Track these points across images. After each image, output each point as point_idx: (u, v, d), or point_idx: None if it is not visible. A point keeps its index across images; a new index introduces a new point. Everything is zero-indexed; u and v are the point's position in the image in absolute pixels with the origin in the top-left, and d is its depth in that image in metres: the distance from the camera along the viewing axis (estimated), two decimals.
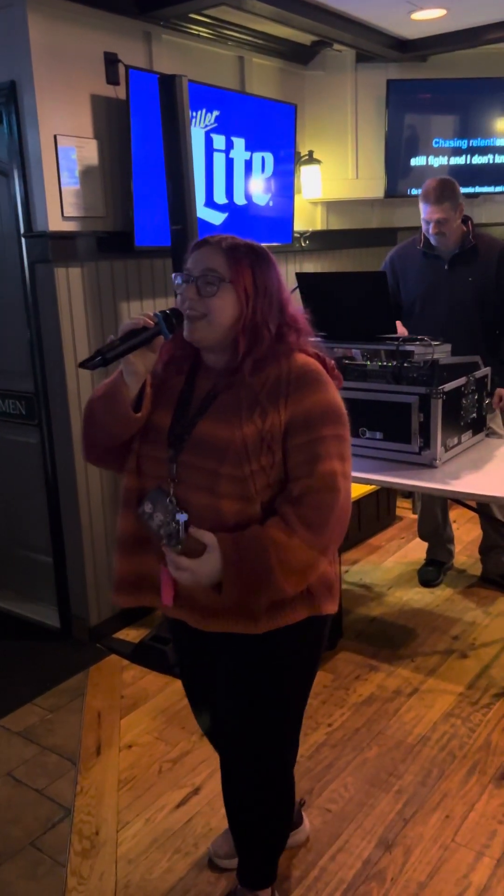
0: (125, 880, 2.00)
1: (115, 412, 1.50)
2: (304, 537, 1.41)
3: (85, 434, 1.58)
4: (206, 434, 1.48)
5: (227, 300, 1.45)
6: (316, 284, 2.86)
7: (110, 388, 1.51)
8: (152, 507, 1.51)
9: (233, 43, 3.51)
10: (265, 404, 1.45)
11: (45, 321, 2.96)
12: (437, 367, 2.61)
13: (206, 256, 1.48)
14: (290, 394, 1.45)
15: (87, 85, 2.90)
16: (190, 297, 1.47)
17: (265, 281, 1.48)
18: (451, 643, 3.06)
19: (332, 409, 1.47)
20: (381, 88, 4.09)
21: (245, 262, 1.46)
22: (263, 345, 1.47)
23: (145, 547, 1.57)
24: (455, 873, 1.97)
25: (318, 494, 1.42)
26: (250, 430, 1.44)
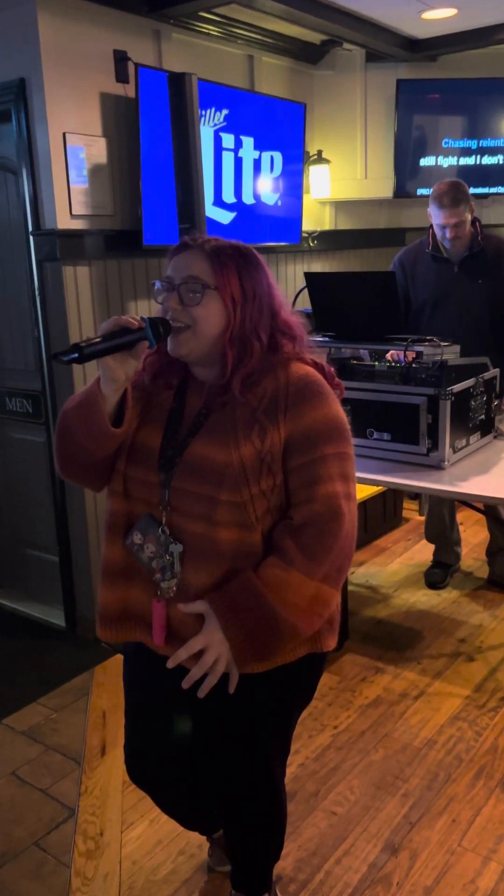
0: (129, 881, 1.99)
1: (91, 425, 1.34)
2: (303, 569, 1.31)
3: (58, 448, 1.43)
4: (200, 456, 1.36)
5: (212, 309, 1.34)
6: (324, 284, 2.85)
7: (85, 398, 1.36)
8: (142, 538, 1.40)
9: (242, 41, 3.50)
10: (263, 422, 1.34)
11: (53, 320, 2.95)
12: (445, 367, 2.60)
13: (189, 261, 1.35)
14: (289, 408, 1.34)
15: (97, 83, 2.90)
16: (172, 307, 1.34)
17: (254, 285, 1.36)
18: (458, 646, 3.04)
19: (334, 424, 1.36)
20: (391, 88, 4.08)
21: (231, 266, 1.34)
22: (254, 356, 1.36)
23: (133, 578, 1.45)
24: (462, 878, 1.95)
25: (319, 522, 1.32)
26: (248, 451, 1.33)
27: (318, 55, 4.02)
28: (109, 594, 1.47)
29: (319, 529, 1.32)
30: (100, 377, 1.34)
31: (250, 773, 1.59)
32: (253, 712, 1.50)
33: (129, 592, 1.46)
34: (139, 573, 1.44)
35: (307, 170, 4.00)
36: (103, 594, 1.48)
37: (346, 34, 3.63)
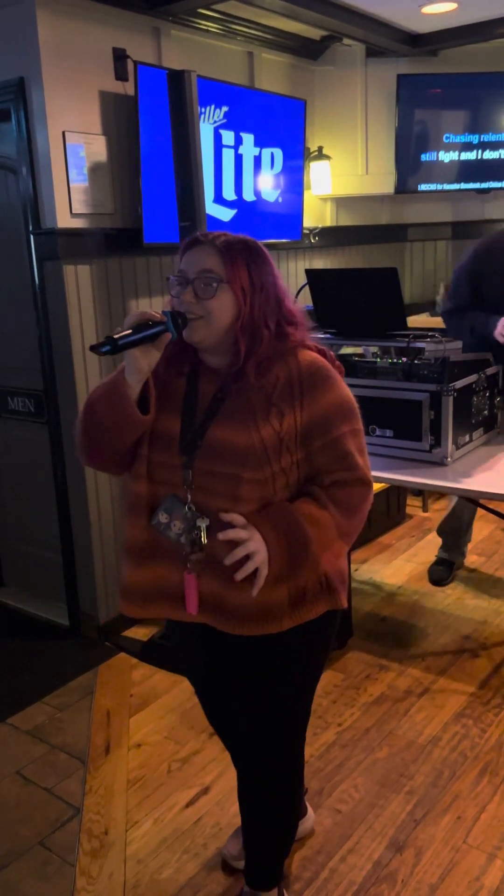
0: (134, 880, 1.99)
1: (119, 414, 1.44)
2: (335, 515, 1.45)
3: (84, 437, 1.51)
4: (221, 439, 1.45)
5: (225, 300, 1.43)
6: (325, 281, 2.84)
7: (111, 388, 1.45)
8: (168, 517, 1.48)
9: (242, 38, 3.49)
10: (280, 406, 1.44)
11: (54, 318, 2.95)
12: (447, 364, 2.59)
13: (201, 257, 1.45)
14: (304, 394, 1.45)
15: (96, 81, 2.89)
16: (187, 300, 1.44)
17: (261, 277, 1.46)
18: (463, 643, 3.04)
19: (347, 405, 1.49)
20: (392, 83, 4.06)
21: (240, 260, 1.44)
22: (264, 343, 1.45)
23: (159, 556, 1.53)
24: (467, 875, 1.95)
25: (350, 485, 1.47)
26: (268, 432, 1.43)
27: (318, 51, 4.00)
28: (134, 572, 1.56)
29: (349, 491, 1.47)
30: (124, 367, 1.44)
31: (271, 729, 1.68)
32: (277, 667, 1.60)
33: (154, 570, 1.55)
34: (163, 551, 1.52)
35: (308, 166, 3.99)
36: (128, 572, 1.57)
37: (346, 29, 3.61)
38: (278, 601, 1.49)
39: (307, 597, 1.53)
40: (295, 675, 1.63)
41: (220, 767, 2.38)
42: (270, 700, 1.63)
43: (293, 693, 1.65)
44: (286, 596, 1.50)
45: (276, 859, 1.84)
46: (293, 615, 1.52)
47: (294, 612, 1.52)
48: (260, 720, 1.67)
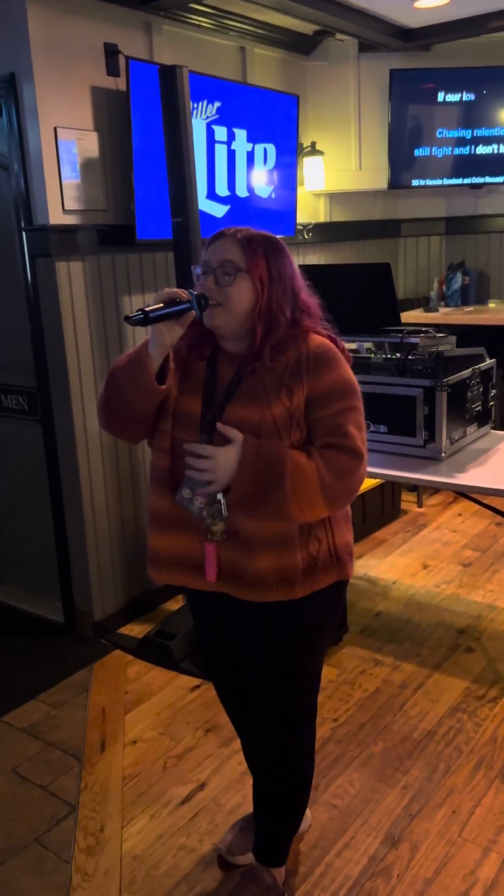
0: (130, 877, 1.99)
1: (138, 382, 1.54)
2: (321, 469, 1.49)
3: (106, 402, 1.61)
4: (238, 417, 1.55)
5: (243, 288, 1.53)
6: (319, 276, 2.81)
7: (134, 358, 1.55)
8: (191, 492, 1.57)
9: (234, 33, 3.48)
10: (290, 384, 1.53)
11: (47, 315, 2.94)
12: (441, 359, 2.59)
13: (224, 248, 1.55)
14: (310, 371, 1.54)
15: (88, 77, 2.88)
16: (209, 286, 1.54)
17: (279, 269, 1.56)
18: (457, 637, 3.04)
19: (348, 384, 1.57)
20: (385, 78, 4.06)
21: (259, 252, 1.54)
22: (280, 330, 1.55)
23: (182, 527, 1.63)
24: (462, 869, 1.95)
25: (341, 450, 1.52)
26: (279, 409, 1.52)
27: (310, 46, 3.99)
28: (159, 539, 1.67)
29: (339, 456, 1.52)
30: (148, 340, 1.54)
31: (285, 702, 1.74)
32: (287, 639, 1.67)
33: (176, 539, 1.65)
34: (185, 523, 1.62)
35: (301, 162, 3.98)
36: (153, 539, 1.68)
37: (339, 24, 3.60)
38: (292, 569, 1.57)
39: (318, 567, 1.62)
40: (307, 643, 1.70)
41: (216, 763, 2.38)
42: (284, 666, 1.70)
43: (306, 659, 1.72)
44: (299, 565, 1.58)
45: (286, 835, 1.89)
46: (305, 584, 1.60)
47: (306, 581, 1.60)
48: (274, 687, 1.72)
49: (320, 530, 1.62)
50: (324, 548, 1.63)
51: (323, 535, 1.63)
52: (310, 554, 1.60)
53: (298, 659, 1.71)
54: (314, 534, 1.61)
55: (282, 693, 1.73)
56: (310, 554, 1.60)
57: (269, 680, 1.72)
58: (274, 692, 1.73)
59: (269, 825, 1.88)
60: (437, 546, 3.88)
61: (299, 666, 1.71)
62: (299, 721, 1.78)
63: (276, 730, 1.77)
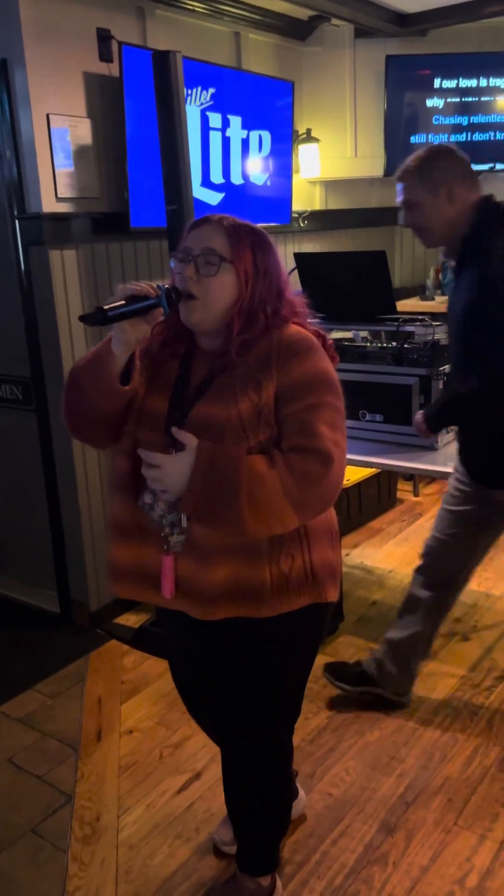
0: (126, 866, 2.00)
1: (101, 383, 1.43)
2: (282, 480, 1.33)
3: (67, 403, 1.50)
4: (203, 416, 1.43)
5: (226, 281, 1.42)
6: (314, 265, 2.82)
7: (96, 357, 1.44)
8: (152, 498, 1.46)
9: (228, 18, 3.44)
10: (258, 377, 1.41)
11: (40, 304, 2.92)
12: (437, 347, 2.58)
13: (207, 235, 1.44)
14: (280, 362, 1.41)
15: (80, 62, 2.84)
16: (188, 275, 1.42)
17: (266, 263, 1.45)
18: (453, 626, 3.05)
19: (322, 376, 1.42)
20: (380, 64, 4.02)
21: (246, 243, 1.43)
22: (257, 328, 1.44)
23: (144, 536, 1.51)
24: (457, 856, 1.96)
25: (308, 453, 1.36)
26: (245, 405, 1.40)
27: (305, 31, 3.96)
28: (118, 550, 1.55)
29: (306, 460, 1.36)
30: (111, 338, 1.42)
31: (252, 724, 1.64)
32: (258, 661, 1.57)
33: (137, 549, 1.53)
34: (145, 532, 1.50)
35: (296, 149, 3.96)
36: (114, 551, 1.56)
37: (334, 9, 3.57)
38: (258, 583, 1.46)
39: (290, 585, 1.49)
40: (278, 667, 1.59)
41: (212, 753, 2.38)
42: (252, 691, 1.60)
43: (275, 685, 1.61)
44: (266, 581, 1.46)
45: (267, 847, 1.82)
46: (275, 602, 1.47)
47: (276, 600, 1.47)
48: (242, 711, 1.64)
49: (294, 545, 1.48)
50: (297, 565, 1.49)
51: (297, 552, 1.48)
52: (280, 570, 1.46)
53: (266, 686, 1.59)
54: (287, 549, 1.47)
55: (248, 721, 1.64)
56: (280, 570, 1.46)
57: (236, 700, 1.63)
58: (241, 712, 1.64)
59: (245, 839, 1.82)
60: None
61: (267, 694, 1.60)
62: (267, 741, 1.68)
63: (243, 749, 1.69)
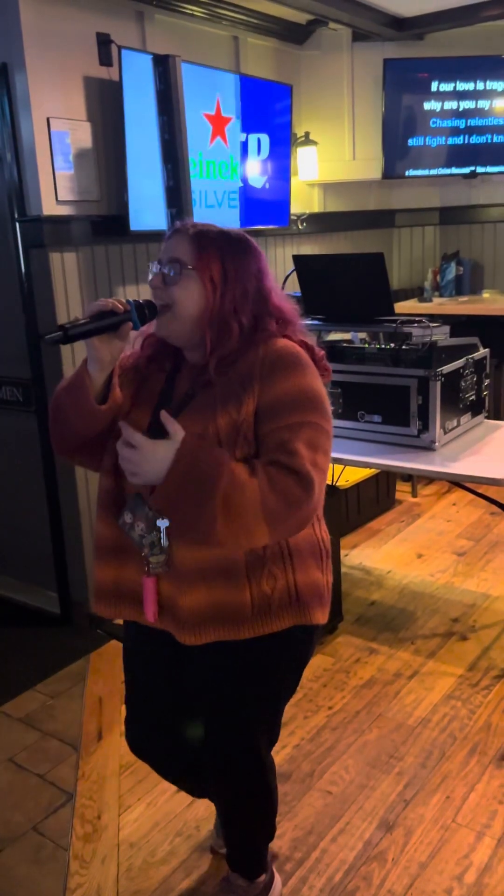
0: (127, 864, 2.01)
1: (78, 404, 1.40)
2: (263, 488, 1.27)
3: (52, 428, 1.49)
4: None
5: (191, 289, 1.39)
6: (313, 267, 2.84)
7: (74, 379, 1.41)
8: (132, 517, 1.43)
9: (227, 22, 3.47)
10: (240, 392, 1.36)
11: (41, 306, 2.94)
12: (435, 349, 2.60)
13: (174, 244, 1.42)
14: (264, 378, 1.35)
15: (80, 67, 2.87)
16: (155, 285, 1.42)
17: (237, 270, 1.40)
18: (451, 625, 3.06)
19: (307, 394, 1.35)
20: (378, 68, 4.05)
21: (212, 249, 1.39)
22: (232, 338, 1.39)
23: (126, 556, 1.48)
24: (456, 853, 1.98)
25: (285, 471, 1.29)
26: (224, 421, 1.35)
27: (303, 35, 3.98)
28: (103, 571, 1.52)
29: (284, 477, 1.29)
30: (87, 358, 1.40)
31: (233, 744, 1.60)
32: (238, 679, 1.53)
33: (122, 570, 1.50)
34: (132, 551, 1.46)
35: (295, 152, 3.98)
36: (98, 571, 1.53)
37: (332, 13, 3.59)
38: (238, 605, 1.41)
39: (272, 607, 1.44)
40: (259, 689, 1.55)
41: None
42: (232, 710, 1.56)
43: (255, 707, 1.57)
44: (247, 603, 1.42)
45: (251, 853, 1.81)
46: (256, 624, 1.43)
47: (257, 621, 1.43)
48: (221, 729, 1.60)
49: (276, 565, 1.42)
50: (280, 586, 1.43)
51: (280, 572, 1.43)
52: (262, 591, 1.41)
53: (246, 707, 1.55)
54: (268, 568, 1.42)
55: (227, 731, 1.59)
56: (262, 591, 1.41)
57: (214, 716, 1.58)
58: (218, 728, 1.59)
59: (236, 842, 1.81)
60: (432, 535, 3.90)
61: (248, 715, 1.56)
62: (247, 759, 1.62)
63: (221, 764, 1.64)
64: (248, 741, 1.60)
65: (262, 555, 1.41)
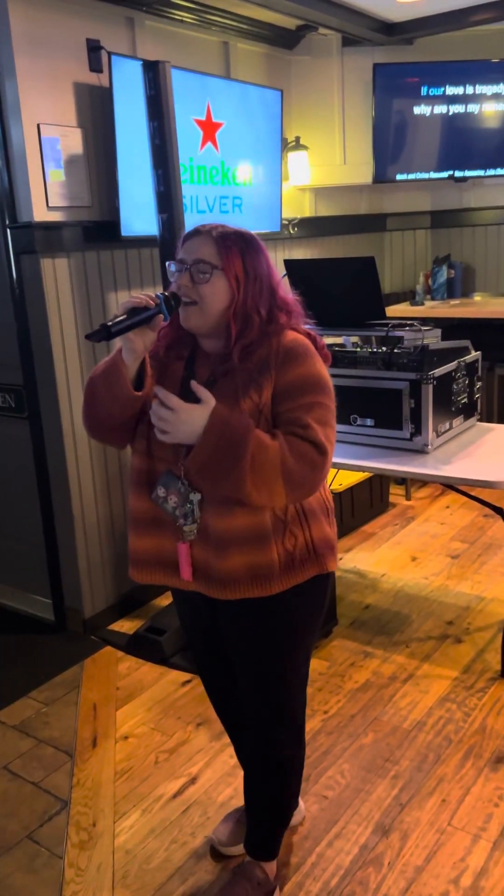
0: (123, 871, 2.00)
1: (115, 390, 1.53)
2: (283, 449, 1.45)
3: (86, 411, 1.62)
4: None
5: (218, 287, 1.52)
6: (304, 271, 2.85)
7: (110, 366, 1.55)
8: (165, 491, 1.58)
9: (217, 28, 3.47)
10: (259, 380, 1.52)
11: (33, 312, 2.93)
12: (427, 352, 2.61)
13: (198, 246, 1.54)
14: (279, 366, 1.52)
15: (70, 73, 2.87)
16: (184, 283, 1.53)
17: (255, 267, 1.54)
18: (446, 628, 3.07)
19: (316, 379, 1.53)
20: (368, 72, 4.06)
21: (235, 250, 1.53)
22: (254, 329, 1.53)
23: (160, 527, 1.63)
24: (452, 857, 1.97)
25: (303, 440, 1.47)
26: (248, 405, 1.51)
27: (293, 40, 3.99)
28: (139, 541, 1.68)
29: (301, 443, 1.47)
30: (122, 348, 1.53)
31: (272, 696, 1.74)
32: (271, 633, 1.67)
33: (156, 540, 1.65)
34: (164, 523, 1.62)
35: (285, 156, 3.99)
36: (134, 541, 1.68)
37: (321, 19, 3.61)
38: (268, 565, 1.56)
39: (295, 562, 1.60)
40: (290, 638, 1.70)
41: (207, 757, 2.39)
42: (268, 661, 1.70)
43: (290, 655, 1.71)
44: (275, 561, 1.57)
45: (276, 829, 1.90)
46: (283, 580, 1.59)
47: (284, 577, 1.59)
48: (259, 682, 1.73)
49: (295, 525, 1.60)
50: (300, 542, 1.61)
51: (298, 531, 1.61)
52: (286, 549, 1.59)
53: (281, 654, 1.70)
54: (289, 529, 1.60)
55: (266, 688, 1.73)
56: (286, 549, 1.59)
57: (253, 675, 1.73)
58: (258, 687, 1.74)
59: (259, 819, 1.89)
60: (426, 538, 3.90)
61: (283, 661, 1.71)
62: (285, 715, 1.78)
63: (262, 723, 1.78)
64: (286, 684, 1.74)
65: (284, 518, 1.58)
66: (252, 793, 1.89)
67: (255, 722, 1.80)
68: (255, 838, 1.91)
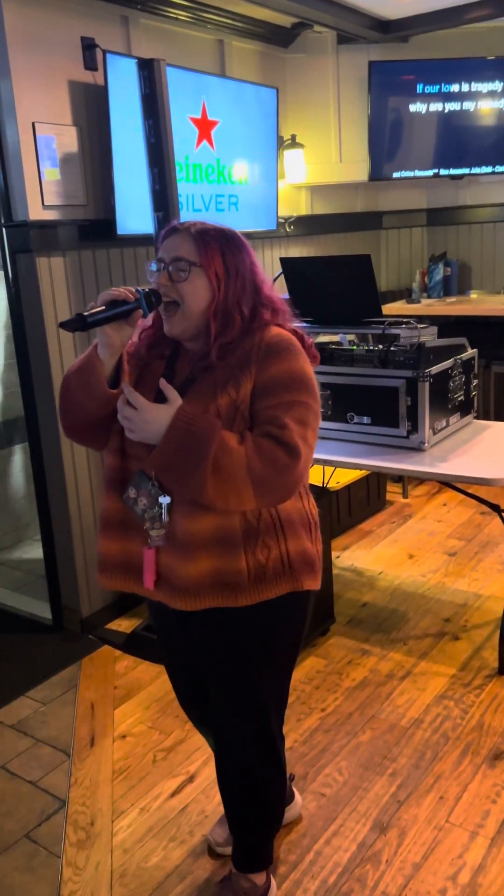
0: (121, 870, 2.00)
1: (90, 387, 1.48)
2: (251, 455, 1.39)
3: (61, 409, 1.57)
4: None
5: (198, 285, 1.48)
6: (300, 269, 2.84)
7: (85, 363, 1.50)
8: (136, 493, 1.53)
9: (212, 26, 3.47)
10: (238, 375, 1.47)
11: (28, 311, 2.93)
12: (423, 350, 2.60)
13: (177, 244, 1.50)
14: (260, 361, 1.46)
15: (65, 71, 2.86)
16: (162, 283, 1.49)
17: (236, 264, 1.51)
18: (443, 626, 3.07)
19: (299, 376, 1.47)
20: (363, 70, 4.06)
21: (214, 246, 1.49)
22: (235, 328, 1.49)
23: (129, 530, 1.57)
24: (450, 853, 1.98)
25: (275, 441, 1.41)
26: (224, 401, 1.45)
27: (288, 38, 3.99)
28: (107, 544, 1.61)
29: (273, 447, 1.41)
30: (97, 343, 1.48)
31: (243, 716, 1.68)
32: (240, 648, 1.61)
33: (124, 543, 1.59)
34: (133, 526, 1.56)
35: (281, 154, 3.98)
36: (102, 543, 1.62)
37: (317, 16, 3.60)
38: (235, 573, 1.50)
39: (267, 575, 1.53)
40: (263, 656, 1.63)
41: (205, 756, 2.39)
42: (237, 678, 1.65)
43: (261, 673, 1.65)
44: (244, 570, 1.50)
45: (261, 842, 1.85)
46: (253, 592, 1.52)
47: (254, 589, 1.52)
48: (231, 701, 1.68)
49: (270, 535, 1.52)
50: (274, 555, 1.53)
51: (273, 542, 1.53)
52: (257, 560, 1.51)
53: (251, 674, 1.64)
54: (262, 539, 1.51)
55: (236, 708, 1.68)
56: (257, 560, 1.51)
57: (223, 695, 1.67)
58: (228, 705, 1.68)
59: (240, 835, 1.84)
60: (423, 536, 3.91)
61: (253, 681, 1.65)
62: (259, 736, 1.71)
63: (233, 744, 1.73)
64: (255, 708, 1.68)
65: (256, 526, 1.51)
66: (230, 811, 1.84)
67: (225, 743, 1.75)
68: (238, 853, 1.86)
